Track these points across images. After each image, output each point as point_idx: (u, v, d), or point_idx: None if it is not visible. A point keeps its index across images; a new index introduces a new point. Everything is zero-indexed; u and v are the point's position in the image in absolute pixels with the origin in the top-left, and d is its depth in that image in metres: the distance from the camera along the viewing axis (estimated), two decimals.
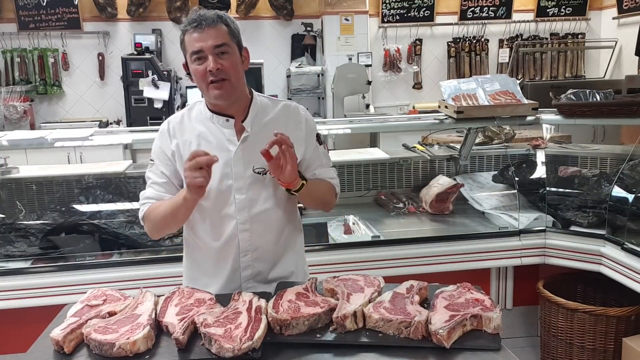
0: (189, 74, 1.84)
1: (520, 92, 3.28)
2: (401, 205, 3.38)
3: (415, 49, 6.85)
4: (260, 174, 1.86)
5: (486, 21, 6.88)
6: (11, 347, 2.73)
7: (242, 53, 1.84)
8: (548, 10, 6.99)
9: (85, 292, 1.83)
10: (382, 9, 6.72)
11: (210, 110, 1.87)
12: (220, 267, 1.93)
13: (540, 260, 3.01)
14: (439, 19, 6.87)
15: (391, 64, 6.80)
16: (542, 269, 3.13)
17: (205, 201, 1.83)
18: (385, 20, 6.77)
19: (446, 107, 3.24)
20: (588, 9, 7.02)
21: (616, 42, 6.54)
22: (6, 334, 2.75)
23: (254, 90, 1.94)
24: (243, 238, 1.88)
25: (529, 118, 3.23)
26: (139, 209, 1.93)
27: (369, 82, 6.21)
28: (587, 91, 3.16)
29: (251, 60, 1.90)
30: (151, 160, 1.93)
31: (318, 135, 1.98)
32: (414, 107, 6.63)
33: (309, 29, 6.60)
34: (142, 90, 5.83)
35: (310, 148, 1.94)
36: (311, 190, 1.88)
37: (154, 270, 2.70)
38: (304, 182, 1.82)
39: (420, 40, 6.86)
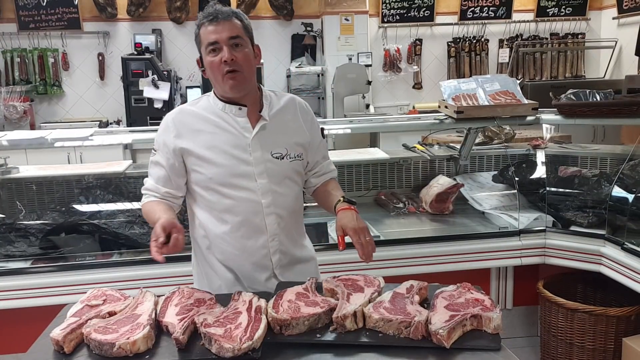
0: (203, 69, 1.90)
1: (520, 92, 3.28)
2: (401, 205, 3.38)
3: (415, 49, 6.85)
4: (278, 158, 1.92)
5: (486, 21, 6.88)
6: (11, 347, 2.73)
7: (254, 49, 1.91)
8: (548, 10, 6.99)
9: (85, 292, 1.83)
10: (382, 9, 6.72)
11: (222, 100, 1.92)
12: (250, 255, 1.94)
13: (540, 260, 3.01)
14: (439, 19, 6.88)
15: (391, 64, 6.79)
16: (542, 269, 3.13)
17: (229, 190, 1.88)
18: (385, 20, 6.77)
19: (446, 107, 3.24)
20: (588, 9, 7.02)
21: (616, 42, 6.54)
22: (6, 334, 2.75)
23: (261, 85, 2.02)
24: (270, 222, 1.92)
25: (529, 118, 3.23)
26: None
27: (369, 82, 6.22)
28: (587, 91, 3.16)
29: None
30: (154, 149, 1.96)
31: (322, 129, 2.11)
32: (414, 107, 6.63)
33: (309, 29, 6.60)
34: (142, 90, 5.83)
35: (317, 140, 2.05)
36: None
37: (154, 270, 2.70)
38: (352, 202, 1.95)
39: (420, 40, 6.86)
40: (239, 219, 1.91)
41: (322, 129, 2.10)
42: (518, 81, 3.42)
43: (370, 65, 6.41)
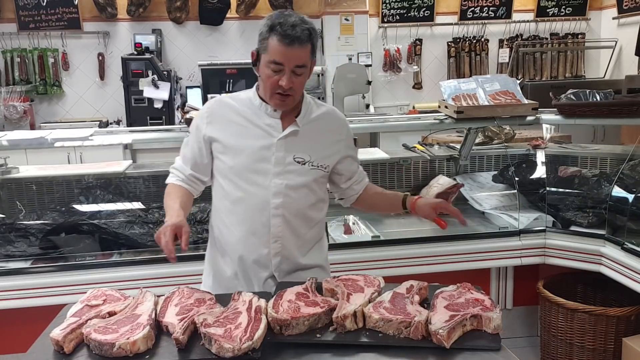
0: (255, 64, 1.89)
1: (520, 92, 3.28)
2: None
3: (415, 49, 6.84)
4: (300, 163, 1.94)
5: (486, 21, 6.88)
6: (11, 347, 2.73)
7: (311, 64, 1.89)
8: (548, 10, 6.99)
9: (85, 292, 1.83)
10: (382, 9, 6.72)
11: (261, 99, 1.94)
12: (251, 252, 1.95)
13: (540, 260, 3.01)
14: (439, 19, 6.87)
15: (391, 64, 6.79)
16: (542, 269, 3.14)
17: (244, 183, 1.92)
18: (385, 20, 6.76)
19: (446, 107, 3.24)
20: (588, 9, 7.01)
21: (616, 42, 6.54)
22: (6, 334, 2.75)
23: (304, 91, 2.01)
24: (275, 223, 1.93)
25: (529, 118, 3.23)
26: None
27: (369, 82, 6.21)
28: (587, 91, 3.16)
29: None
30: (189, 131, 2.05)
31: (355, 140, 2.15)
32: (414, 107, 6.63)
33: None
34: (142, 90, 5.83)
35: (352, 150, 2.09)
36: None
37: (154, 270, 2.70)
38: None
39: (420, 40, 6.86)
40: (247, 213, 1.93)
41: (355, 139, 2.15)
42: (518, 81, 3.41)
43: (370, 65, 6.41)
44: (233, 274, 2.00)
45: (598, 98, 3.10)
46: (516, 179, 3.23)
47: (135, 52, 6.00)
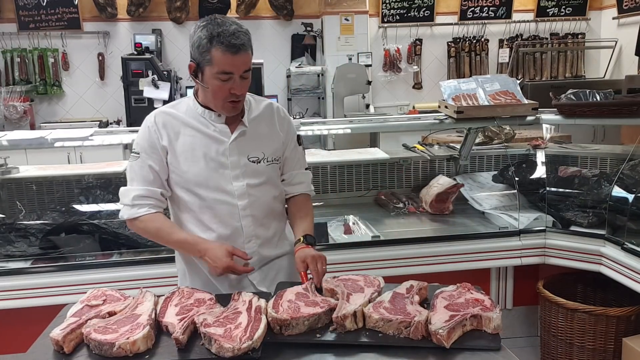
0: (194, 75, 1.87)
1: (520, 92, 3.28)
2: (401, 205, 3.38)
3: (415, 49, 6.84)
4: (254, 162, 1.96)
5: (486, 21, 6.88)
6: (11, 347, 2.73)
7: None
8: (548, 10, 6.99)
9: (85, 292, 1.83)
10: (382, 9, 6.72)
11: (202, 106, 1.94)
12: None
13: (540, 260, 3.01)
14: (439, 19, 6.87)
15: (391, 64, 6.79)
16: (542, 269, 3.13)
17: (205, 191, 1.91)
18: (385, 20, 6.76)
19: (446, 107, 3.24)
20: (588, 9, 7.02)
21: (616, 42, 6.54)
22: (6, 334, 2.75)
23: None
24: (246, 224, 1.95)
25: (529, 118, 3.23)
26: (123, 204, 1.94)
27: (369, 82, 6.21)
28: (587, 91, 3.16)
29: (253, 61, 1.93)
30: (136, 153, 1.94)
31: (299, 137, 2.12)
32: (414, 107, 6.63)
33: (309, 29, 6.60)
34: (142, 90, 5.83)
35: (290, 147, 2.07)
36: (310, 225, 2.06)
37: (154, 270, 2.70)
38: (311, 242, 1.98)
39: (420, 40, 6.86)
40: (216, 220, 1.94)
41: (299, 136, 2.12)
42: (518, 81, 3.42)
43: (370, 65, 6.41)
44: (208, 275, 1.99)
45: (598, 98, 3.10)
46: (516, 179, 3.23)
47: (135, 52, 6.00)
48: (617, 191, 2.92)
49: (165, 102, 5.86)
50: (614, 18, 6.66)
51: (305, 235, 1.99)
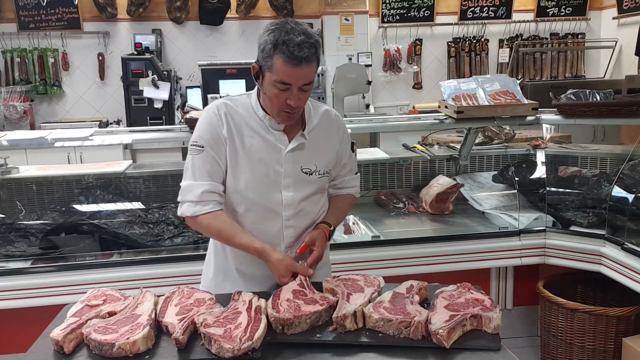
0: (255, 77, 1.82)
1: (520, 92, 3.28)
2: (401, 205, 3.38)
3: (415, 49, 6.84)
4: (307, 174, 1.92)
5: (486, 21, 6.88)
6: (11, 347, 2.73)
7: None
8: (548, 10, 6.99)
9: (85, 292, 1.83)
10: (382, 9, 6.72)
11: (264, 110, 1.88)
12: (263, 265, 1.90)
13: (540, 260, 3.01)
14: (439, 19, 6.87)
15: (391, 64, 6.79)
16: (542, 269, 3.14)
17: (253, 195, 1.88)
18: (385, 20, 6.76)
19: (446, 107, 3.24)
20: (588, 9, 7.02)
21: (616, 42, 6.54)
22: (6, 334, 2.75)
23: None
24: (288, 234, 1.93)
25: (529, 118, 3.23)
26: (182, 201, 1.89)
27: (369, 82, 6.21)
28: (587, 91, 3.16)
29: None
30: (199, 146, 1.86)
31: (353, 144, 2.10)
32: (414, 107, 6.63)
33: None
34: (142, 90, 5.83)
35: (347, 155, 2.06)
36: (340, 221, 2.08)
37: (154, 270, 2.70)
38: (331, 228, 1.97)
39: (420, 40, 6.86)
40: (257, 226, 1.91)
41: (353, 144, 2.10)
42: (518, 81, 3.42)
43: (370, 65, 6.41)
44: (238, 272, 1.98)
45: (598, 98, 3.10)
46: (516, 179, 3.23)
47: (135, 52, 6.00)
48: (617, 191, 2.92)
49: (165, 102, 5.87)
50: (614, 18, 6.66)
51: (332, 225, 1.98)
